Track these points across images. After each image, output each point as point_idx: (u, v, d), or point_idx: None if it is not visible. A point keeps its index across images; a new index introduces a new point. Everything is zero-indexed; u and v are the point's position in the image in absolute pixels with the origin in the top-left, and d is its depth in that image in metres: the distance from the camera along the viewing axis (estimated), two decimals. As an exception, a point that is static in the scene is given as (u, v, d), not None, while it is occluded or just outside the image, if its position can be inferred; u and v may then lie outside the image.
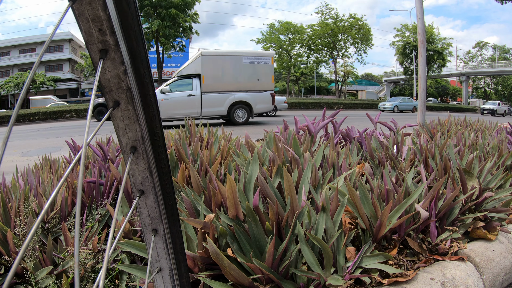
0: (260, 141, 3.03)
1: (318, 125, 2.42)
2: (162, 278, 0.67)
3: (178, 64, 36.66)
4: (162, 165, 0.57)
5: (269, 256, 0.98)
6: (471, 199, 1.54)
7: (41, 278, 1.08)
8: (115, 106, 0.46)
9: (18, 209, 1.32)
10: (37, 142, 7.45)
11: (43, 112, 19.22)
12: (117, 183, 1.57)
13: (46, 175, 1.86)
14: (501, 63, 38.45)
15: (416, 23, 5.96)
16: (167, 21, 22.24)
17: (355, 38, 33.52)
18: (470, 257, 1.27)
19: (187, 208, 1.24)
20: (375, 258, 1.12)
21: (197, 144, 2.00)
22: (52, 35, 0.32)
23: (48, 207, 0.34)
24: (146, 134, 0.51)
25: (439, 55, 32.53)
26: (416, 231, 1.32)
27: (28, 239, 0.28)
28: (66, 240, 1.20)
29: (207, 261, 1.05)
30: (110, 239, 0.41)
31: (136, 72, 0.46)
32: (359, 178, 1.56)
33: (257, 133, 6.13)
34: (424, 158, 1.97)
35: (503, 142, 2.51)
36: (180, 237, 0.65)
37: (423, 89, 5.23)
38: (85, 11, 0.37)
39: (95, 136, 0.52)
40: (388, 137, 2.63)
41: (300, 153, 1.75)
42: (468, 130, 3.47)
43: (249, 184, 1.29)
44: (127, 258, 1.20)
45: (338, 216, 1.16)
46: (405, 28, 34.78)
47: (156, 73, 25.00)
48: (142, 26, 0.45)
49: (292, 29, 34.99)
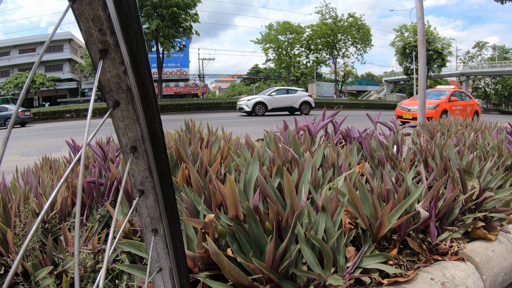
0: (260, 141, 3.03)
1: (318, 125, 2.42)
2: (162, 278, 0.67)
3: (178, 64, 36.66)
4: (162, 165, 0.57)
5: (269, 256, 0.98)
6: (471, 199, 1.54)
7: (41, 278, 1.08)
8: (115, 106, 0.46)
9: (18, 209, 1.32)
10: (37, 142, 7.46)
11: (43, 112, 19.23)
12: (117, 183, 1.57)
13: (46, 175, 1.86)
14: (501, 63, 38.46)
15: (415, 23, 5.96)
16: (167, 20, 22.25)
17: (355, 38, 33.51)
18: (470, 257, 1.27)
19: (187, 208, 1.24)
20: (375, 258, 1.12)
21: (197, 144, 2.00)
22: (52, 35, 0.32)
23: (48, 207, 0.34)
24: (146, 134, 0.51)
25: (439, 55, 32.53)
26: (416, 231, 1.32)
27: (28, 239, 0.27)
28: (66, 240, 1.20)
29: (207, 261, 1.05)
30: (110, 239, 0.41)
31: (136, 72, 0.46)
32: (359, 178, 1.56)
33: (258, 133, 6.12)
34: (424, 158, 1.97)
35: (503, 142, 2.51)
36: (180, 237, 0.65)
37: (423, 89, 5.23)
38: (85, 11, 0.37)
39: (95, 136, 0.52)
40: (388, 137, 2.63)
41: (300, 153, 1.75)
42: (468, 130, 3.47)
43: (249, 184, 1.29)
44: (127, 258, 1.20)
45: (338, 216, 1.16)
46: (404, 29, 34.79)
47: (156, 73, 24.99)
48: (142, 26, 0.45)
49: (291, 29, 34.97)
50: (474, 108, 11.10)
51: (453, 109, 10.11)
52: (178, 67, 37.01)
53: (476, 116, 11.06)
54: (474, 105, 11.16)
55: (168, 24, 22.40)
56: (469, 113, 10.74)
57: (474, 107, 11.11)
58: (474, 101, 11.33)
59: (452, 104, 10.14)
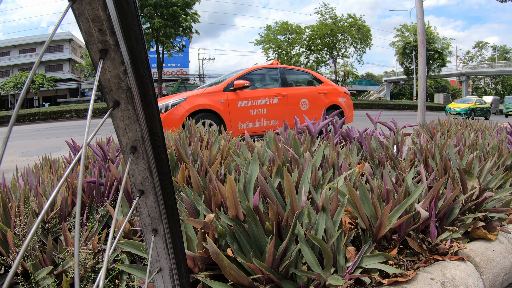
0: (260, 141, 3.03)
1: (318, 125, 2.42)
2: (162, 278, 0.67)
3: (178, 64, 36.64)
4: (162, 165, 0.57)
5: (269, 256, 0.98)
6: (471, 199, 1.54)
7: (41, 278, 1.08)
8: (115, 106, 0.46)
9: (18, 209, 1.32)
10: (37, 142, 7.46)
11: (43, 112, 19.24)
12: (117, 183, 1.57)
13: (46, 175, 1.86)
14: (501, 63, 38.46)
15: (415, 23, 5.97)
16: (168, 20, 22.28)
17: (354, 38, 33.50)
18: (470, 257, 1.27)
19: (187, 208, 1.24)
20: (375, 258, 1.12)
21: (197, 144, 2.00)
22: (52, 35, 0.32)
23: (48, 207, 0.34)
24: (146, 134, 0.51)
25: (439, 55, 32.54)
26: (416, 231, 1.32)
27: (28, 239, 0.27)
28: (66, 240, 1.20)
29: (207, 261, 1.05)
30: (110, 239, 0.41)
31: (136, 72, 0.46)
32: (359, 178, 1.56)
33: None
34: (424, 158, 1.97)
35: (503, 142, 2.51)
36: (180, 237, 0.65)
37: (423, 89, 5.23)
38: (85, 11, 0.37)
39: (95, 136, 0.52)
40: (388, 137, 2.63)
41: (300, 153, 1.75)
42: (468, 130, 3.47)
43: (249, 184, 1.29)
44: (127, 258, 1.20)
45: (338, 216, 1.16)
46: (405, 29, 34.81)
47: (156, 73, 24.99)
48: (143, 26, 0.45)
49: (290, 29, 34.96)
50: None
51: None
52: (178, 67, 36.97)
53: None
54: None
55: (168, 24, 22.42)
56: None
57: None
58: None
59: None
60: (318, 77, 6.20)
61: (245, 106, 5.02)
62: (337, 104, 5.97)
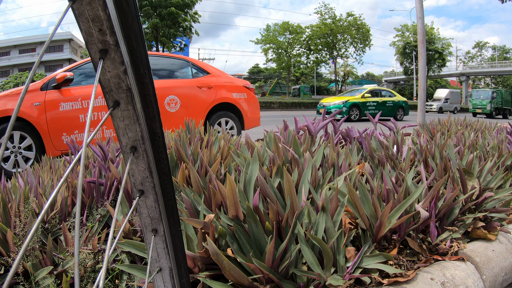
0: (260, 141, 3.03)
1: (318, 125, 2.42)
2: (162, 278, 0.67)
3: (178, 64, 36.54)
4: (162, 165, 0.57)
5: (269, 256, 0.98)
6: (471, 199, 1.54)
7: (41, 278, 1.08)
8: (115, 106, 0.46)
9: (18, 209, 1.32)
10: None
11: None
12: (117, 183, 1.57)
13: (46, 175, 1.86)
14: (501, 63, 38.46)
15: (416, 23, 5.96)
16: (167, 20, 22.28)
17: (354, 38, 33.51)
18: (470, 257, 1.27)
19: (187, 208, 1.24)
20: (375, 258, 1.12)
21: (197, 144, 2.00)
22: (52, 35, 0.32)
23: (48, 207, 0.34)
24: (146, 134, 0.51)
25: (439, 55, 32.54)
26: (416, 231, 1.32)
27: (28, 239, 0.28)
28: (66, 240, 1.20)
29: (207, 261, 1.05)
30: (110, 239, 0.41)
31: (136, 72, 0.46)
32: (359, 178, 1.56)
33: (258, 133, 6.13)
34: (424, 158, 1.97)
35: (503, 142, 2.51)
36: (180, 237, 0.65)
37: (423, 89, 5.23)
38: (85, 11, 0.37)
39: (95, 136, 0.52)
40: (388, 137, 2.63)
41: (300, 153, 1.75)
42: (468, 130, 3.47)
43: (249, 184, 1.29)
44: (127, 258, 1.20)
45: (338, 216, 1.16)
46: (405, 29, 34.81)
47: (156, 73, 24.94)
48: (142, 26, 0.45)
49: (290, 29, 34.97)
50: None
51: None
52: (178, 67, 36.89)
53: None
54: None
55: (168, 24, 22.43)
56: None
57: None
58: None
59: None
60: (201, 66, 4.60)
61: (72, 109, 3.46)
62: (230, 102, 4.49)
